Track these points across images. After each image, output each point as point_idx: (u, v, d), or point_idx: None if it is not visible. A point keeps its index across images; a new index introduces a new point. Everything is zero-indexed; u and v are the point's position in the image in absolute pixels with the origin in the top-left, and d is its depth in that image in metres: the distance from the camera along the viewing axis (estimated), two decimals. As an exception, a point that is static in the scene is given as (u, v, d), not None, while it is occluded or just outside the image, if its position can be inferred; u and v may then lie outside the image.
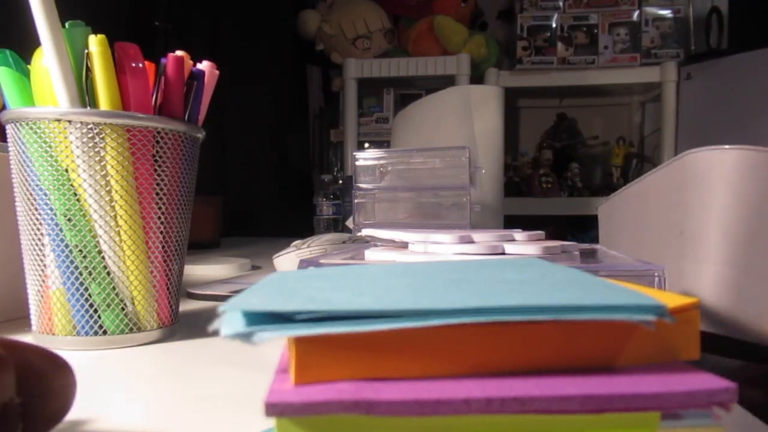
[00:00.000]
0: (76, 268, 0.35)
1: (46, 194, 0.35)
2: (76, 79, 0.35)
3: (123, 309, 0.36)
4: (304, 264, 0.36)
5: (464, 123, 1.00)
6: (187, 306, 0.51)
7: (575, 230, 1.81)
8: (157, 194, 0.37)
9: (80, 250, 0.35)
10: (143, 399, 0.27)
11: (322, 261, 0.37)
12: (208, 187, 1.08)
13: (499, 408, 0.13)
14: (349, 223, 0.95)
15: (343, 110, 1.75)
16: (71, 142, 0.35)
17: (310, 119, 1.99)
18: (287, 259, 0.70)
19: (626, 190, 0.59)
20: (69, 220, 0.35)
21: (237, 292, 0.53)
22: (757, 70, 1.46)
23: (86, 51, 0.35)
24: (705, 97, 1.57)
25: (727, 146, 0.42)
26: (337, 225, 1.33)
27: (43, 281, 0.36)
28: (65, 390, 0.20)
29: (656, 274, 0.31)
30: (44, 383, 0.19)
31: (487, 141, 1.00)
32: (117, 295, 0.36)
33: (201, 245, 1.09)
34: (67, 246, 0.35)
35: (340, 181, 1.47)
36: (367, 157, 0.75)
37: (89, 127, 0.35)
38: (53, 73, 0.34)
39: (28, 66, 0.36)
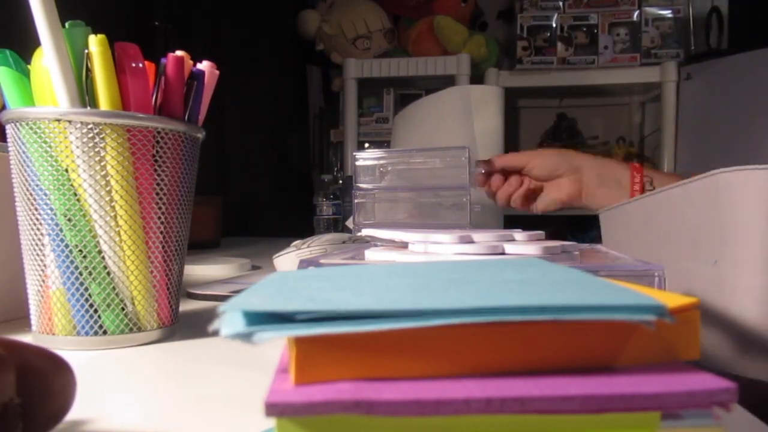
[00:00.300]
0: (76, 268, 0.35)
1: (46, 194, 0.35)
2: (76, 79, 0.35)
3: (123, 309, 0.36)
4: (304, 264, 0.36)
5: (464, 123, 1.00)
6: (187, 306, 0.51)
7: (575, 230, 1.81)
8: (157, 194, 0.37)
9: (80, 250, 0.35)
10: (143, 399, 0.27)
11: (322, 261, 0.37)
12: (208, 187, 1.08)
13: (499, 408, 0.13)
14: (349, 223, 0.95)
15: (343, 110, 1.75)
16: (71, 142, 0.35)
17: (310, 119, 1.99)
18: (287, 259, 0.70)
19: (635, 202, 0.55)
20: (69, 220, 0.35)
21: (237, 292, 0.53)
22: (757, 70, 1.46)
23: (86, 51, 0.35)
24: (705, 97, 1.57)
25: (762, 166, 0.37)
26: (337, 225, 1.33)
27: (43, 281, 0.36)
28: (65, 390, 0.20)
29: (656, 274, 0.31)
30: (44, 383, 0.19)
31: (487, 141, 1.00)
32: (117, 295, 0.36)
33: (201, 245, 1.09)
34: (67, 246, 0.35)
35: (340, 181, 1.47)
36: (367, 157, 0.75)
37: (89, 127, 0.35)
38: (53, 73, 0.34)
39: (28, 66, 0.36)
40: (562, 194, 0.73)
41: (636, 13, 1.68)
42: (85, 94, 0.35)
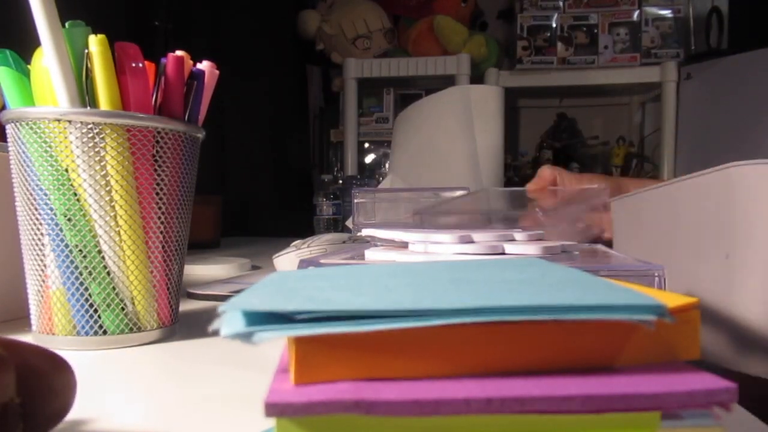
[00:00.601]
0: (76, 268, 0.35)
1: (46, 194, 0.35)
2: (76, 79, 0.35)
3: (123, 309, 0.36)
4: (304, 264, 0.36)
5: (464, 123, 1.00)
6: (187, 306, 0.51)
7: (575, 230, 1.81)
8: (157, 194, 0.37)
9: (80, 250, 0.35)
10: (143, 399, 0.27)
11: (322, 261, 0.37)
12: (208, 187, 1.08)
13: (499, 408, 0.13)
14: (349, 223, 0.95)
15: (343, 110, 1.75)
16: (71, 142, 0.35)
17: (310, 119, 1.99)
18: (287, 259, 0.70)
19: (648, 192, 0.54)
20: (69, 219, 0.35)
21: (237, 292, 0.53)
22: (757, 70, 1.46)
23: (86, 51, 0.35)
24: (705, 97, 1.57)
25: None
26: (337, 225, 1.33)
27: (43, 281, 0.36)
28: (65, 390, 0.20)
29: (656, 273, 0.31)
30: (44, 383, 0.19)
31: (487, 141, 1.00)
32: (117, 294, 0.36)
33: (201, 245, 1.09)
34: (67, 246, 0.35)
35: (340, 181, 1.47)
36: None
37: (89, 127, 0.35)
38: (53, 73, 0.34)
39: (28, 66, 0.36)
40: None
41: (636, 13, 1.68)
42: (85, 94, 0.35)
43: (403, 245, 0.42)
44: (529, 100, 2.04)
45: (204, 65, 0.42)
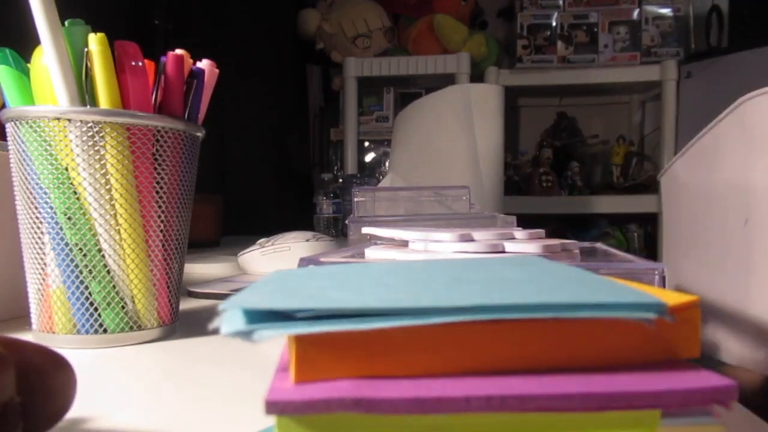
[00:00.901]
0: (77, 266, 0.35)
1: (46, 193, 0.35)
2: (76, 77, 0.35)
3: (123, 307, 0.36)
4: (304, 262, 0.36)
5: (464, 122, 1.00)
6: (187, 304, 0.51)
7: (575, 229, 1.81)
8: (157, 193, 0.37)
9: (80, 249, 0.35)
10: (143, 398, 0.27)
11: (322, 259, 0.37)
12: (208, 186, 1.07)
13: (500, 406, 0.13)
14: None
15: (343, 109, 1.75)
16: (71, 141, 0.35)
17: (310, 118, 1.99)
18: (252, 257, 0.70)
19: (685, 153, 0.49)
20: (69, 218, 0.35)
21: (237, 290, 0.53)
22: (758, 68, 1.46)
23: (86, 49, 0.35)
24: (705, 96, 1.57)
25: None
26: (337, 224, 1.33)
27: (44, 280, 0.36)
28: (65, 389, 0.20)
29: (656, 272, 0.31)
30: (44, 382, 0.19)
31: (487, 140, 1.00)
32: (117, 293, 0.36)
33: (201, 244, 1.09)
34: (67, 244, 0.35)
35: (340, 180, 1.47)
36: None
37: (89, 125, 0.35)
38: (53, 72, 0.34)
39: (28, 65, 0.36)
40: None
41: (636, 12, 1.68)
42: (84, 93, 0.35)
43: (404, 244, 0.42)
44: (529, 99, 2.04)
45: (204, 64, 0.42)
